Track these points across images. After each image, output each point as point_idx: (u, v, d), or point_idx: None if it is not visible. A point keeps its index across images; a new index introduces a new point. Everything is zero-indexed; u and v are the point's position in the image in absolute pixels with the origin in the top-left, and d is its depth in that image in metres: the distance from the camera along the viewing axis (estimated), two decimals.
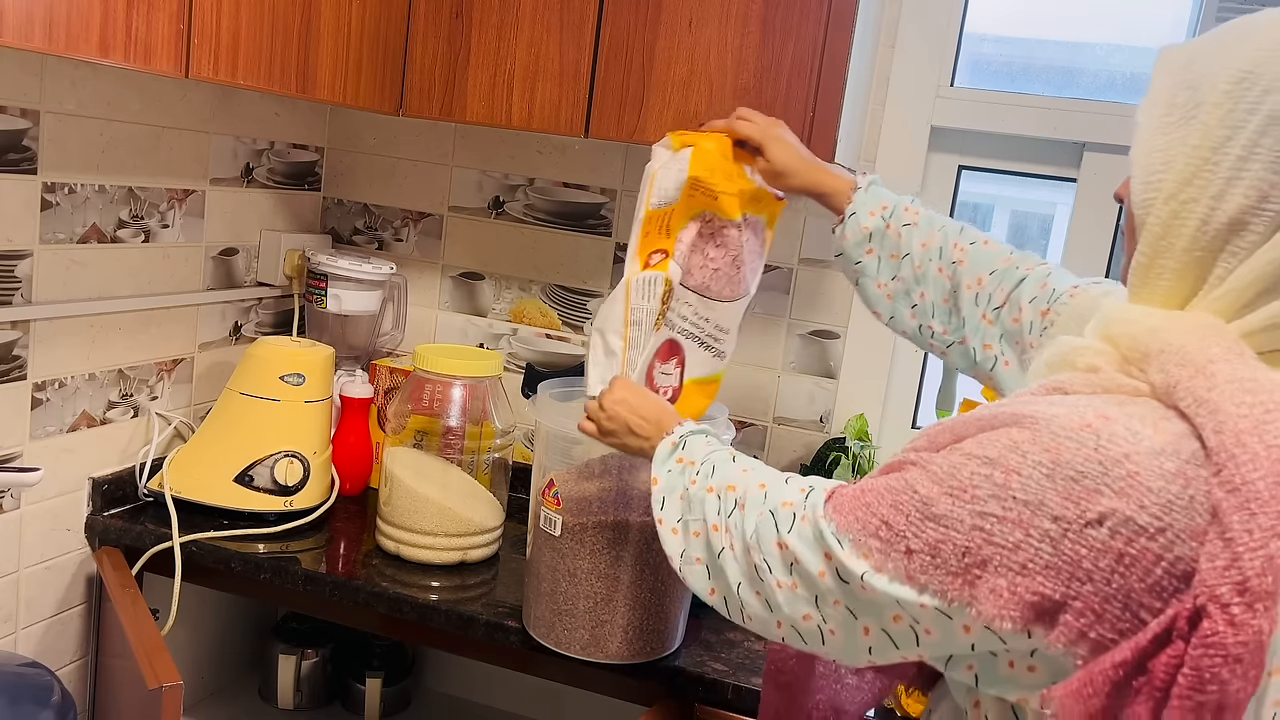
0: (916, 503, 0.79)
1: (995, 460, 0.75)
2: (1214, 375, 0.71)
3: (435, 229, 2.03)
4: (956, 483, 0.77)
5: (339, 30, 1.52)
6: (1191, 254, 0.76)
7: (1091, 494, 0.70)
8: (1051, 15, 1.78)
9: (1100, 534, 0.70)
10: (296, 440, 1.66)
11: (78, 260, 1.53)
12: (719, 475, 0.99)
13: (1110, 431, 0.71)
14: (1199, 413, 0.71)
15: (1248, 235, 0.74)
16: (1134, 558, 0.69)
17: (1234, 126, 0.74)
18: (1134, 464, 0.70)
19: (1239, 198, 0.73)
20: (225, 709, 1.94)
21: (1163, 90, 0.80)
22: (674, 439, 1.08)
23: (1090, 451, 0.71)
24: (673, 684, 1.38)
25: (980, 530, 0.74)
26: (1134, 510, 0.69)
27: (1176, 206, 0.76)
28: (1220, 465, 0.68)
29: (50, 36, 1.09)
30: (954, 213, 1.81)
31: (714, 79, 1.52)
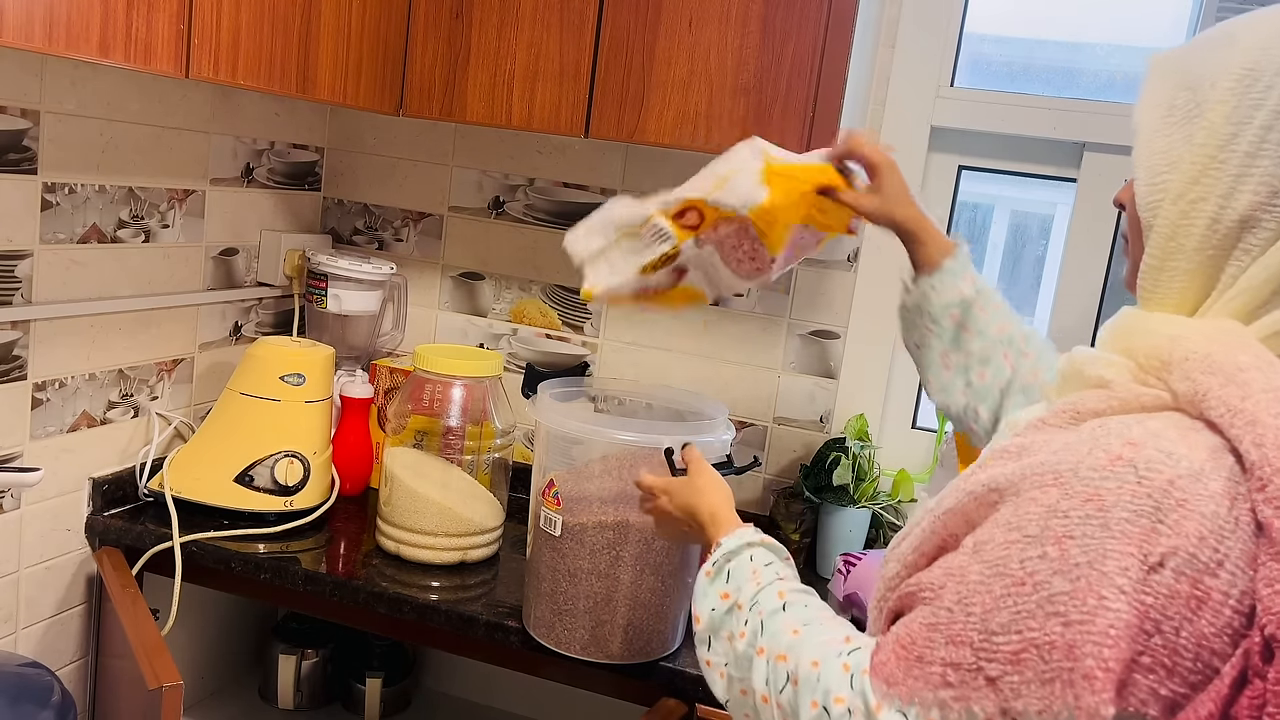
0: (975, 623, 0.69)
1: (1041, 535, 0.68)
2: (1247, 384, 0.68)
3: (435, 229, 2.03)
4: (1010, 577, 0.68)
5: (339, 30, 1.52)
6: (1203, 254, 0.74)
7: (1150, 534, 0.65)
8: (1051, 15, 1.78)
9: (1165, 578, 0.64)
10: (296, 440, 1.66)
11: (78, 260, 1.53)
12: (769, 634, 0.87)
13: (1145, 459, 0.67)
14: (1234, 423, 0.67)
15: (1260, 232, 0.72)
16: (1201, 599, 0.64)
17: (1239, 123, 0.73)
18: (1180, 490, 0.65)
19: (1249, 194, 0.72)
20: (225, 709, 1.94)
21: (1160, 93, 0.79)
22: (708, 567, 0.97)
23: (1134, 487, 0.66)
24: (673, 684, 1.38)
25: (1057, 616, 0.66)
26: (1194, 546, 0.64)
27: (1185, 206, 0.75)
28: (1265, 480, 0.64)
29: (50, 36, 1.09)
30: (954, 213, 1.82)
31: (714, 79, 1.52)
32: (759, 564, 0.94)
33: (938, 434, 1.81)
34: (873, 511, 1.74)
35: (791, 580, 0.92)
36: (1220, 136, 0.74)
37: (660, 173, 1.88)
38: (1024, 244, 1.89)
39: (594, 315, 1.95)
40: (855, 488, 1.71)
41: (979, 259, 1.88)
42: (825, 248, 1.81)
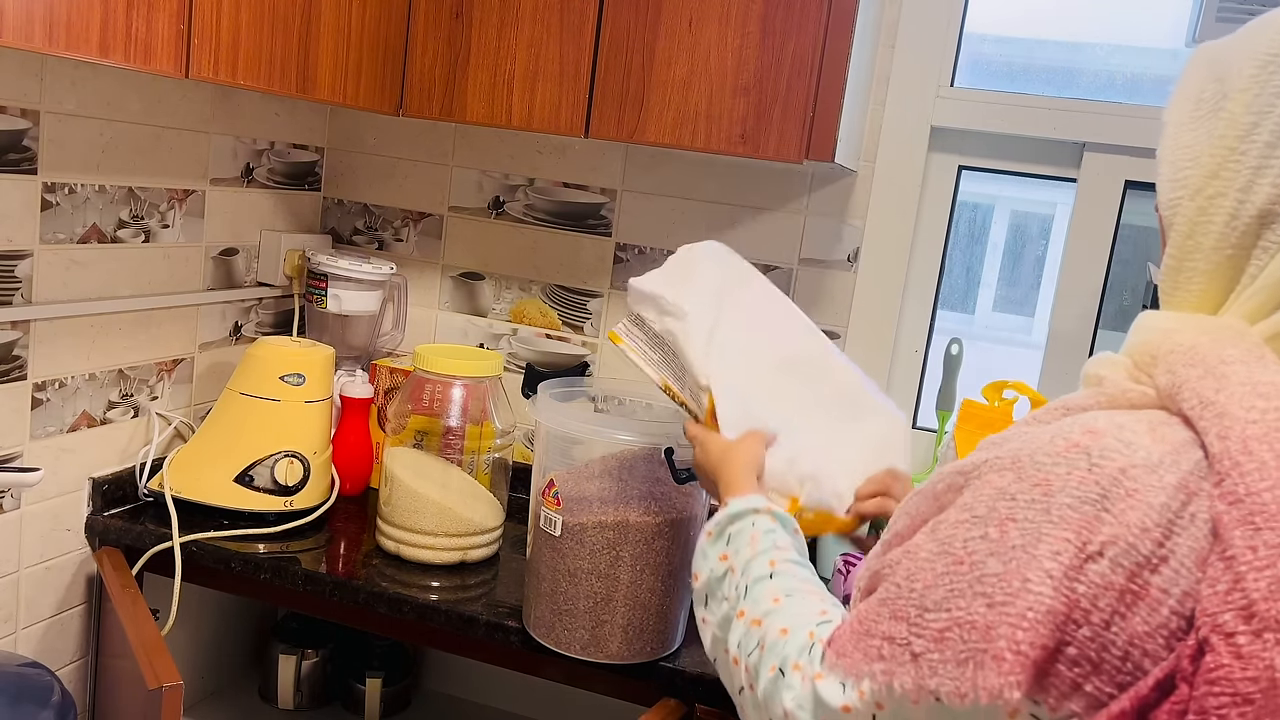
0: (914, 599, 0.70)
1: (986, 516, 0.68)
2: (1226, 376, 0.65)
3: (435, 229, 2.03)
4: (952, 556, 0.69)
5: (339, 30, 1.52)
6: (1221, 252, 0.71)
7: (1092, 521, 0.63)
8: (1051, 15, 1.78)
9: (1101, 568, 0.62)
10: (296, 440, 1.66)
11: (78, 260, 1.53)
12: (751, 599, 0.89)
13: (1101, 446, 0.65)
14: (1203, 415, 0.64)
15: (1279, 228, 0.69)
16: (1136, 594, 0.61)
17: (1260, 112, 0.69)
18: (1132, 480, 0.63)
19: (1267, 188, 0.68)
20: (225, 709, 1.94)
21: (1191, 85, 0.75)
22: (710, 527, 0.99)
23: (1084, 474, 0.64)
24: (673, 684, 1.38)
25: (983, 596, 0.65)
26: (1135, 537, 0.62)
27: (1203, 202, 0.71)
28: (1223, 474, 0.61)
29: (50, 36, 1.09)
30: (954, 213, 1.82)
31: (714, 79, 1.52)
32: (760, 530, 0.94)
33: (938, 434, 1.81)
34: None
35: (788, 550, 0.92)
36: (1240, 127, 0.70)
37: (660, 173, 1.88)
38: (1024, 244, 1.89)
39: (594, 315, 1.95)
40: None
41: (979, 259, 1.88)
42: (825, 248, 1.82)
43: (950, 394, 1.80)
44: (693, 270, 1.25)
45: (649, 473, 1.32)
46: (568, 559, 1.34)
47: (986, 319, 1.93)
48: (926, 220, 1.81)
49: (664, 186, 1.89)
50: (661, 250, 1.89)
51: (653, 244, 1.90)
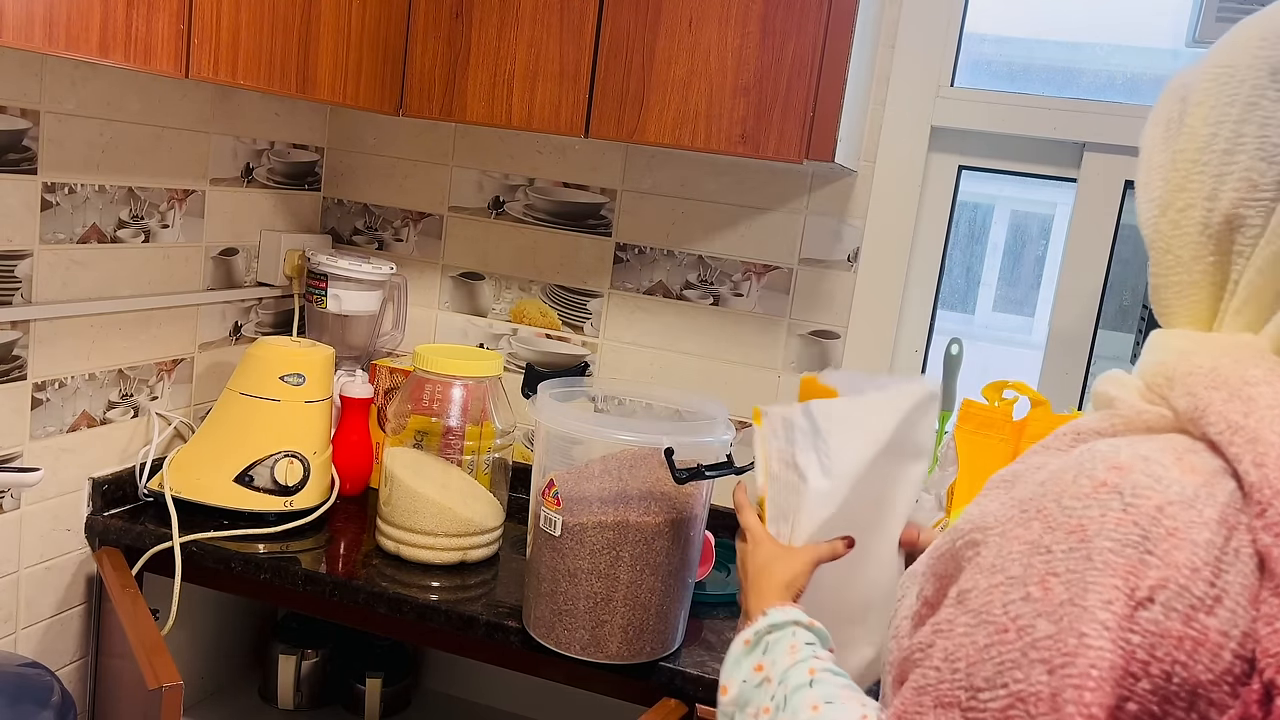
0: (960, 680, 0.64)
1: (1024, 576, 0.63)
2: (1253, 399, 0.62)
3: (435, 229, 2.03)
4: (994, 624, 0.63)
5: (339, 30, 1.53)
6: (1202, 262, 0.70)
7: (1137, 566, 0.59)
8: (1051, 15, 1.78)
9: (1154, 614, 0.58)
10: (296, 440, 1.66)
11: (78, 260, 1.53)
12: (790, 709, 0.84)
13: (1131, 484, 0.61)
14: (1234, 441, 0.61)
15: (1247, 231, 0.68)
16: (1195, 640, 0.57)
17: (1216, 123, 0.70)
18: (1170, 518, 0.59)
19: (1230, 193, 0.69)
20: (225, 709, 1.94)
21: (1162, 109, 0.77)
22: (747, 635, 0.94)
23: (1119, 515, 0.60)
24: (673, 684, 1.38)
25: (1041, 663, 0.60)
26: (1186, 579, 0.58)
27: (1175, 216, 0.72)
28: (1265, 504, 0.58)
29: (50, 36, 1.09)
30: (954, 213, 1.82)
31: (714, 79, 1.52)
32: (800, 641, 0.90)
33: (938, 434, 1.81)
34: None
35: (826, 661, 0.88)
36: (1200, 139, 0.71)
37: (660, 173, 1.88)
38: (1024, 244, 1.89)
39: (594, 315, 1.95)
40: None
41: (979, 259, 1.88)
42: (825, 248, 1.82)
43: (950, 394, 1.80)
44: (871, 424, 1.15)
45: (649, 473, 1.32)
46: (568, 559, 1.34)
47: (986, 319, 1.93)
48: (926, 220, 1.81)
49: (664, 186, 1.89)
50: (662, 250, 1.90)
51: (653, 244, 1.90)
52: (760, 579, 1.02)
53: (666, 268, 1.90)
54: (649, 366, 1.93)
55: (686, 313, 1.90)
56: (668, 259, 1.90)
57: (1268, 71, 0.68)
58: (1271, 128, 0.68)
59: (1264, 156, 0.68)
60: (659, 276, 1.90)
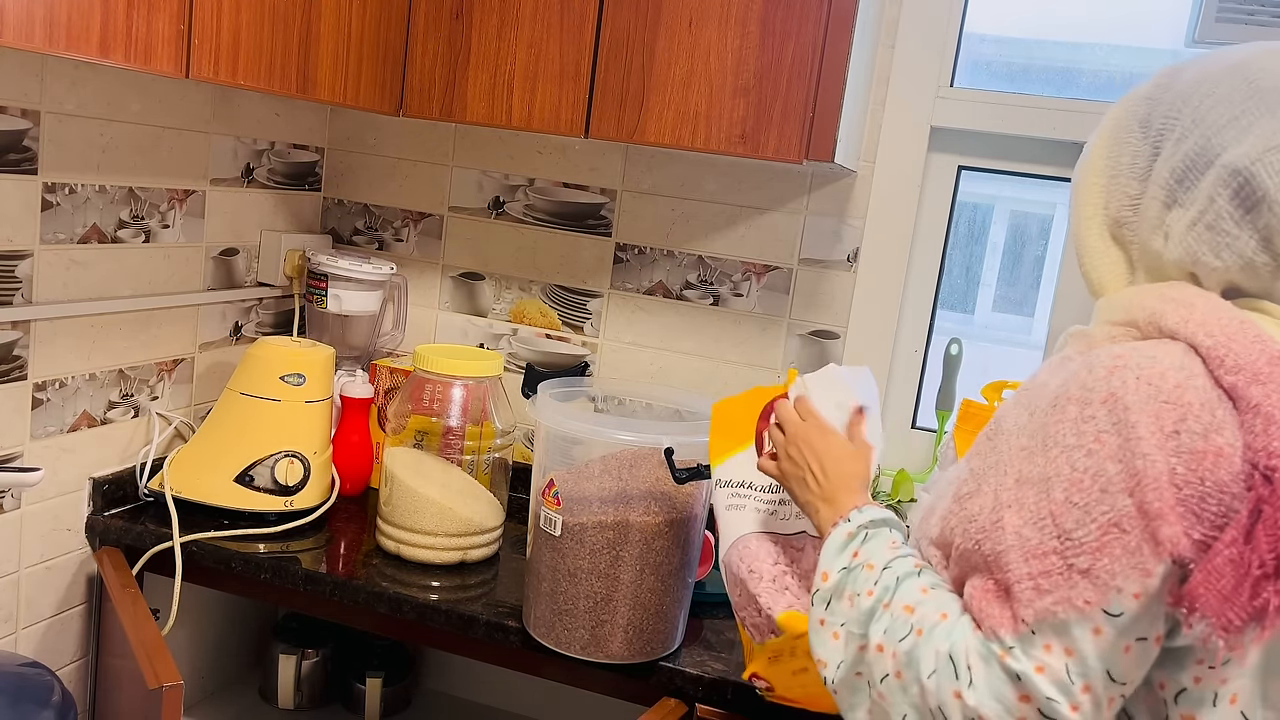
0: (1049, 531, 0.81)
1: (1078, 442, 0.81)
2: (1193, 304, 0.85)
3: (435, 229, 2.03)
4: (1066, 480, 0.81)
5: (339, 31, 1.53)
6: (1109, 251, 0.97)
7: (1162, 410, 0.79)
8: (1051, 15, 1.78)
9: (1182, 440, 0.78)
10: (297, 440, 1.66)
11: (78, 260, 1.53)
12: (901, 590, 0.90)
13: (1135, 362, 0.82)
14: (1188, 326, 0.84)
15: (1129, 226, 0.95)
16: (1216, 454, 0.78)
17: (1105, 156, 0.98)
18: (1173, 377, 0.80)
19: (1115, 201, 0.96)
20: (225, 709, 1.94)
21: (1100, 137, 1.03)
22: (851, 528, 0.99)
23: (1135, 381, 0.80)
24: (673, 684, 1.38)
25: (1121, 491, 0.79)
26: (1198, 412, 0.79)
27: (1084, 220, 0.98)
28: (1220, 357, 0.81)
29: (50, 36, 1.09)
30: (954, 213, 1.82)
31: (714, 79, 1.52)
32: (899, 539, 0.98)
33: (937, 434, 1.82)
34: None
35: (919, 557, 0.96)
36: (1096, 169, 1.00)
37: (660, 173, 1.88)
38: (1024, 244, 1.89)
39: (594, 315, 1.95)
40: None
41: (979, 259, 1.88)
42: (825, 248, 1.82)
43: (950, 394, 1.80)
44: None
45: (649, 473, 1.32)
46: (568, 559, 1.34)
47: (986, 319, 1.93)
48: (926, 220, 1.81)
49: (664, 186, 1.89)
50: (661, 250, 1.90)
51: (653, 244, 1.90)
52: (842, 472, 1.07)
53: (666, 268, 1.90)
54: (649, 366, 1.93)
55: (686, 313, 1.90)
56: (668, 259, 1.90)
57: (1138, 122, 0.96)
58: (1141, 159, 0.94)
59: (1135, 176, 0.94)
60: (659, 276, 1.90)
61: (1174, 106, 0.93)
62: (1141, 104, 0.97)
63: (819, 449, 1.09)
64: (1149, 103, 0.96)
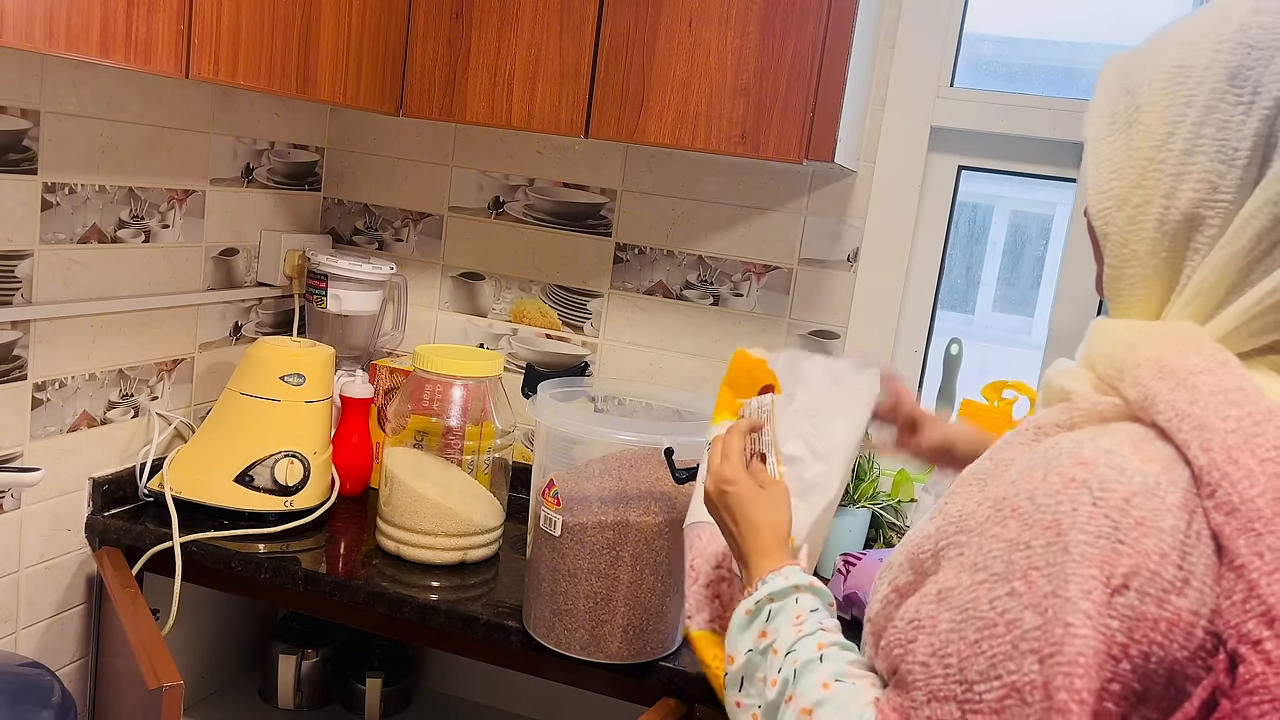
0: (954, 675, 0.67)
1: (1006, 572, 0.67)
2: (1196, 387, 0.67)
3: (435, 229, 2.03)
4: (982, 620, 0.67)
5: (339, 30, 1.53)
6: (1156, 257, 0.74)
7: (1111, 556, 0.63)
8: (1051, 15, 1.78)
9: (1129, 599, 0.62)
10: (297, 440, 1.66)
11: (78, 260, 1.53)
12: (800, 685, 0.81)
13: (1099, 479, 0.65)
14: (1181, 428, 0.66)
15: (1206, 230, 0.71)
16: (1170, 621, 0.62)
17: (1173, 121, 0.72)
18: (1137, 508, 0.64)
19: (1189, 192, 0.71)
20: (225, 709, 1.94)
21: (1104, 100, 0.79)
22: (749, 604, 0.90)
23: (1090, 509, 0.64)
24: (673, 684, 1.38)
25: (1032, 653, 0.64)
26: (1157, 564, 0.62)
27: (1131, 211, 0.74)
28: (1214, 486, 0.63)
29: (50, 36, 1.09)
30: (954, 213, 1.82)
31: (714, 79, 1.52)
32: (804, 609, 0.87)
33: None
34: (872, 511, 1.74)
35: (833, 633, 0.86)
36: (1156, 137, 0.73)
37: (660, 173, 1.88)
38: (1024, 244, 1.89)
39: (594, 315, 1.95)
40: (855, 488, 1.71)
41: (979, 259, 1.89)
42: (825, 248, 1.82)
43: (950, 394, 1.80)
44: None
45: (649, 473, 1.32)
46: (568, 559, 1.34)
47: (986, 319, 1.93)
48: (926, 220, 1.81)
49: (664, 186, 1.89)
50: (662, 250, 1.90)
51: (653, 244, 1.90)
52: (756, 529, 0.96)
53: (666, 268, 1.90)
54: (649, 366, 1.93)
55: (686, 313, 1.90)
56: (668, 259, 1.90)
57: (1225, 75, 0.71)
58: (1230, 131, 0.70)
59: (1224, 159, 0.70)
60: (659, 276, 1.90)
61: None
62: (1233, 51, 0.71)
63: (743, 499, 0.98)
64: (1250, 52, 0.70)
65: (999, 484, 0.71)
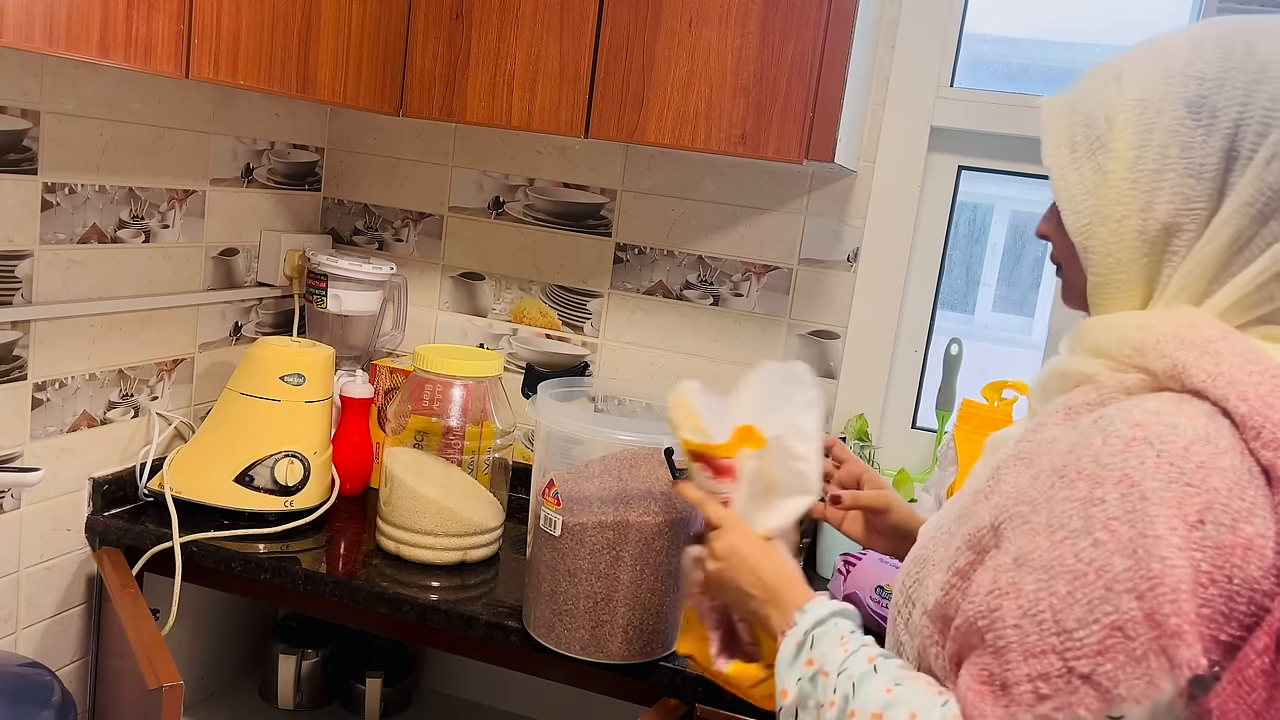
0: (1049, 629, 0.72)
1: (1085, 527, 0.72)
2: (1219, 353, 0.75)
3: (435, 229, 2.03)
4: (1070, 573, 0.72)
5: (339, 30, 1.53)
6: (1139, 262, 0.83)
7: (1184, 497, 0.70)
8: (1051, 15, 1.78)
9: (1208, 533, 0.70)
10: (297, 440, 1.66)
11: (78, 260, 1.53)
12: (861, 696, 0.83)
13: (1157, 435, 0.73)
14: (1217, 385, 0.74)
15: (1183, 235, 0.81)
16: (1245, 546, 0.70)
17: (1140, 146, 0.82)
18: (1196, 454, 0.71)
19: (1165, 204, 0.81)
20: (225, 709, 1.94)
21: (1058, 134, 0.88)
22: (798, 635, 0.91)
23: (1155, 460, 0.72)
24: (673, 684, 1.38)
25: (1129, 592, 0.70)
26: (1225, 498, 0.70)
27: (1114, 226, 0.83)
28: (1258, 429, 0.72)
29: (50, 36, 1.09)
30: (954, 213, 1.82)
31: (714, 79, 1.52)
32: (845, 630, 0.90)
33: (937, 434, 1.82)
34: None
35: (874, 645, 0.89)
36: (1127, 160, 0.82)
37: (660, 173, 1.88)
38: (1024, 244, 1.89)
39: (594, 315, 1.95)
40: None
41: (978, 259, 1.89)
42: (825, 248, 1.82)
43: (950, 394, 1.80)
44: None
45: (649, 473, 1.32)
46: (568, 559, 1.34)
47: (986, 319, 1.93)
48: (926, 220, 1.81)
49: (664, 186, 1.89)
50: (662, 250, 1.90)
51: (653, 244, 1.90)
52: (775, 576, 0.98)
53: (666, 268, 1.90)
54: (649, 366, 1.93)
55: (686, 313, 1.90)
56: (668, 259, 1.90)
57: (1183, 105, 0.81)
58: (1194, 150, 0.80)
59: (1192, 174, 0.80)
60: (659, 276, 1.90)
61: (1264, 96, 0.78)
62: (1187, 83, 0.81)
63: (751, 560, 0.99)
64: (1200, 83, 0.80)
65: (1052, 456, 0.78)
